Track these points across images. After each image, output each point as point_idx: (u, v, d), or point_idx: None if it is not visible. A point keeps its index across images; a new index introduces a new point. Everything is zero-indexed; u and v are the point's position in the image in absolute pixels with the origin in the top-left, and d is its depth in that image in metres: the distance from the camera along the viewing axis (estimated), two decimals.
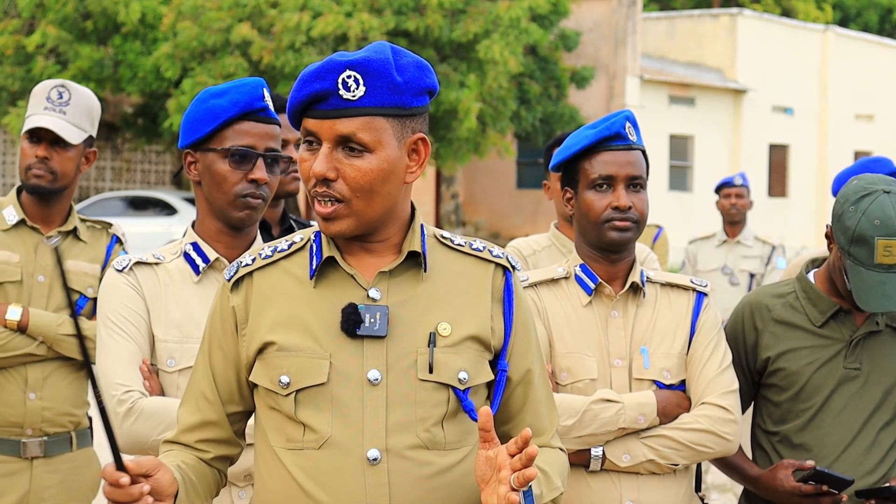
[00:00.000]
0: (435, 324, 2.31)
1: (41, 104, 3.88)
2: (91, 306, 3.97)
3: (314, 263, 2.33)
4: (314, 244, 2.36)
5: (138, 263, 2.98)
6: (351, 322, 2.28)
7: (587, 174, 3.12)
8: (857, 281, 3.11)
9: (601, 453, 3.07)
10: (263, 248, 2.40)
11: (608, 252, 3.14)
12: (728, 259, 8.08)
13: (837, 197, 3.20)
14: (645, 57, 29.73)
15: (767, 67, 30.69)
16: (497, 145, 22.26)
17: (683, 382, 3.14)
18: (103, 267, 4.02)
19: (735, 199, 8.12)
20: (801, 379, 3.24)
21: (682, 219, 27.32)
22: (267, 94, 3.01)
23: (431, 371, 2.29)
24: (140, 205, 22.40)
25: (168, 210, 21.81)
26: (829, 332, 3.25)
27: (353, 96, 2.24)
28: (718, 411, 3.09)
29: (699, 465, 3.25)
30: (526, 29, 20.73)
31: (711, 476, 8.22)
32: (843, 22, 42.61)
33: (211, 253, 3.00)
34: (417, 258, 2.35)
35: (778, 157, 31.75)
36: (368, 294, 2.30)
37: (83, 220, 4.08)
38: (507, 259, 2.42)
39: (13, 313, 3.89)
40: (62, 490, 4.00)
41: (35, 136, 3.89)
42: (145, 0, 20.19)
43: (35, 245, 3.98)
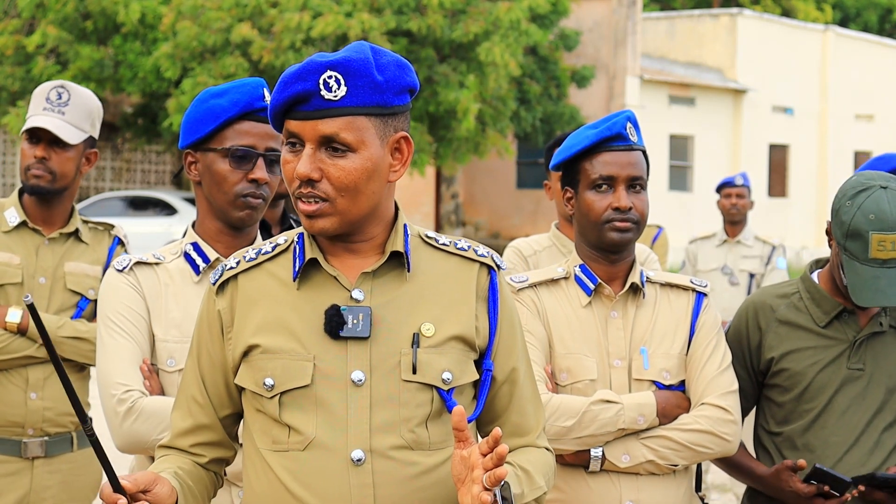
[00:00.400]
0: (418, 324, 2.31)
1: (41, 105, 3.88)
2: (92, 308, 3.97)
3: (297, 265, 2.33)
4: (297, 246, 2.36)
5: (138, 263, 2.99)
6: (334, 324, 2.28)
7: (588, 174, 3.12)
8: (852, 275, 3.12)
9: (601, 454, 3.07)
10: (248, 251, 2.40)
11: (608, 252, 3.14)
12: (728, 259, 8.08)
13: (837, 192, 3.21)
14: (645, 57, 29.72)
15: (767, 67, 30.69)
16: (497, 145, 22.26)
17: (683, 383, 3.14)
18: (105, 269, 4.01)
19: (736, 200, 8.12)
20: (805, 379, 3.24)
21: (682, 219, 27.32)
22: (267, 94, 3.01)
23: (415, 372, 2.29)
24: (140, 205, 22.40)
25: (168, 210, 21.81)
26: (833, 333, 3.25)
27: (335, 96, 2.25)
28: (718, 412, 3.09)
29: (699, 465, 3.25)
30: (526, 31, 20.73)
31: (711, 476, 8.23)
32: (843, 22, 42.61)
33: (211, 253, 3.00)
34: (401, 258, 2.35)
35: (778, 157, 31.74)
36: (351, 295, 2.31)
37: (85, 222, 4.08)
38: (492, 258, 2.42)
39: (13, 315, 3.89)
40: (63, 490, 4.00)
41: (34, 137, 3.90)
42: (145, 0, 20.19)
43: (36, 247, 3.97)
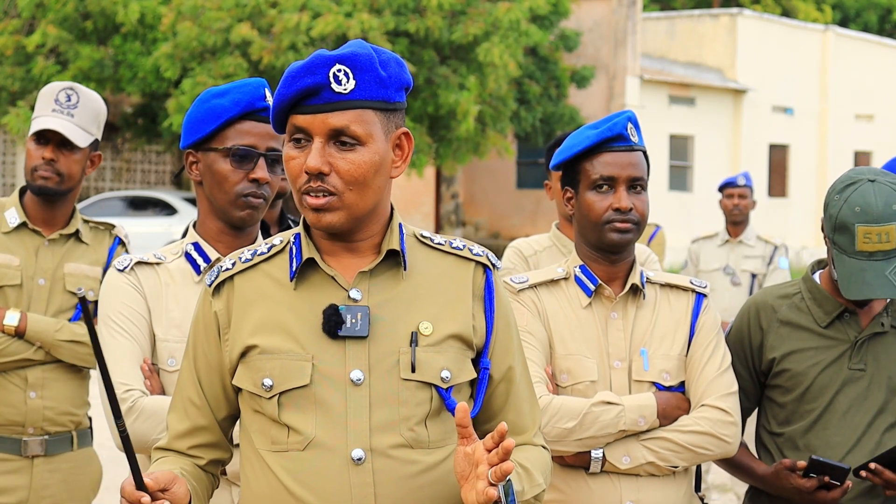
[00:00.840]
0: (416, 323, 2.32)
1: (49, 106, 3.87)
2: (91, 309, 3.96)
3: (294, 265, 2.33)
4: (293, 246, 2.36)
5: (139, 263, 2.99)
6: (332, 323, 2.28)
7: (588, 175, 3.12)
8: (841, 268, 3.12)
9: (601, 455, 3.07)
10: (243, 252, 2.40)
11: (608, 253, 3.14)
12: (730, 259, 8.07)
13: (828, 188, 3.22)
14: (645, 57, 29.72)
15: (767, 67, 30.69)
16: (497, 145, 22.26)
17: (683, 384, 3.14)
18: (105, 269, 4.01)
19: (738, 200, 8.10)
20: (806, 380, 3.24)
21: (682, 219, 27.32)
22: (268, 94, 3.01)
23: (414, 370, 2.29)
24: (140, 205, 22.40)
25: (168, 210, 21.81)
26: (834, 333, 3.25)
27: (345, 89, 2.26)
28: (718, 413, 3.08)
29: (699, 466, 3.25)
30: (526, 31, 20.72)
31: (712, 476, 8.23)
32: (843, 22, 42.61)
33: (212, 253, 3.00)
34: (397, 257, 2.35)
35: (778, 157, 31.74)
36: (349, 295, 2.31)
37: (86, 221, 4.08)
38: (487, 257, 2.42)
39: (11, 318, 3.88)
40: (62, 489, 4.00)
41: (42, 138, 3.89)
42: (145, 0, 20.18)
43: (36, 248, 3.97)
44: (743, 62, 30.35)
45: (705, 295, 3.19)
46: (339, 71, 2.26)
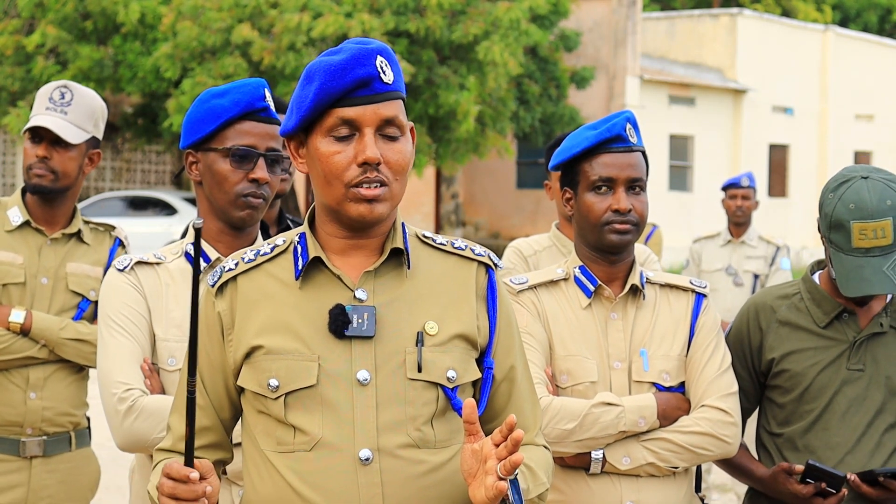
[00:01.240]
0: (422, 323, 2.32)
1: (43, 104, 3.89)
2: (93, 309, 3.97)
3: (300, 264, 2.33)
4: (299, 245, 2.35)
5: (139, 263, 2.99)
6: (339, 323, 2.28)
7: (587, 176, 3.12)
8: (838, 266, 3.13)
9: (601, 456, 3.07)
10: (246, 252, 2.39)
11: (607, 254, 3.14)
12: (732, 259, 8.06)
13: (822, 188, 3.22)
14: (645, 57, 29.72)
15: (767, 67, 30.68)
16: (497, 146, 22.25)
17: (683, 384, 3.14)
18: (106, 270, 4.02)
19: (741, 202, 8.08)
20: (805, 380, 3.24)
21: (682, 219, 27.32)
22: (268, 95, 3.02)
23: (420, 370, 2.29)
24: (140, 205, 22.40)
25: (168, 210, 21.81)
26: (833, 334, 3.25)
27: (389, 80, 2.29)
28: (718, 414, 3.09)
29: (699, 466, 3.25)
30: (526, 30, 20.71)
31: (713, 476, 8.22)
32: (843, 22, 42.60)
33: (212, 252, 3.01)
34: (400, 257, 2.35)
35: (778, 157, 31.73)
36: (355, 295, 2.31)
37: (87, 222, 4.08)
38: (489, 257, 2.43)
39: (17, 316, 3.89)
40: (61, 489, 4.00)
41: (36, 136, 3.91)
42: (145, 0, 20.18)
43: (39, 247, 3.98)
44: (743, 62, 30.34)
45: (705, 295, 3.19)
46: (382, 63, 2.28)
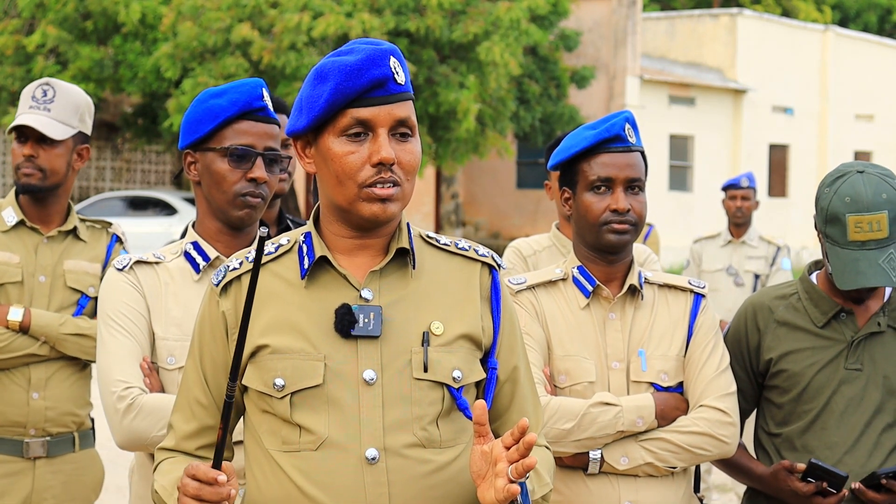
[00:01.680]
0: (427, 323, 2.32)
1: (27, 103, 3.90)
2: (93, 306, 3.98)
3: (306, 264, 2.33)
4: (304, 245, 2.36)
5: (139, 262, 3.00)
6: (345, 323, 2.28)
7: (586, 176, 3.12)
8: (835, 260, 3.13)
9: (599, 456, 3.08)
10: (250, 252, 2.39)
11: (606, 254, 3.14)
12: (733, 259, 8.07)
13: (818, 184, 3.23)
14: (645, 57, 29.72)
15: (767, 67, 30.68)
16: (497, 145, 22.25)
17: (681, 384, 3.14)
18: (104, 266, 4.03)
19: (741, 202, 8.08)
20: (804, 380, 3.24)
21: (682, 219, 27.32)
22: (266, 94, 3.02)
23: (426, 370, 2.29)
24: (140, 205, 22.41)
25: (168, 210, 21.82)
26: (831, 333, 3.25)
27: (402, 81, 2.30)
28: (716, 414, 3.09)
29: (698, 466, 3.25)
30: (526, 30, 20.72)
31: (713, 476, 8.22)
32: (843, 22, 42.60)
33: (211, 252, 3.01)
34: (405, 257, 2.36)
35: (778, 157, 31.73)
36: (361, 294, 2.31)
37: (83, 220, 4.09)
38: (493, 258, 2.43)
39: (15, 314, 3.90)
40: (64, 490, 4.00)
41: (22, 136, 3.91)
42: (145, 0, 20.18)
43: (35, 245, 3.98)
44: (743, 62, 30.34)
45: (703, 295, 3.19)
46: (395, 63, 2.29)
